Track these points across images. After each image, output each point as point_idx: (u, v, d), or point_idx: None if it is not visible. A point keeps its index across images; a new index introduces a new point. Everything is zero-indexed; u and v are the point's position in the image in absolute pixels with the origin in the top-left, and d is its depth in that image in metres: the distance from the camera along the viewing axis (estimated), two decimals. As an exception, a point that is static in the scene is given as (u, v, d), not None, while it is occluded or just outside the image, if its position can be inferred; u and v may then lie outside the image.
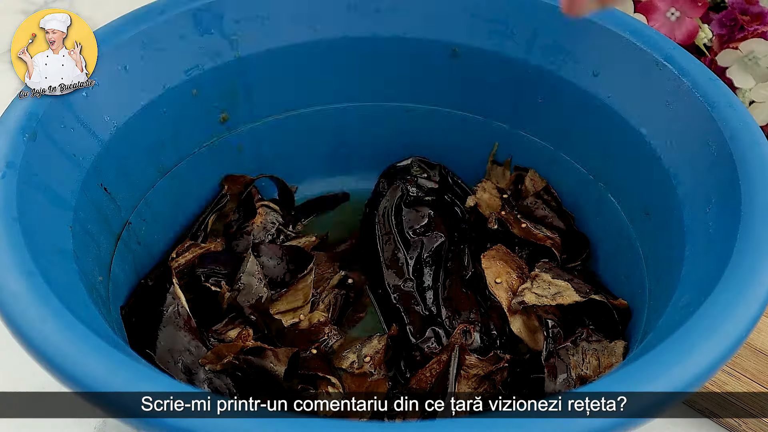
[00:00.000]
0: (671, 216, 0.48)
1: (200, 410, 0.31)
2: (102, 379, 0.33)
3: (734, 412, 0.50)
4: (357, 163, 0.65)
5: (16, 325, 0.35)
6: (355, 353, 0.52)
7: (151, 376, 0.33)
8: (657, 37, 0.52)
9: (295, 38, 0.58)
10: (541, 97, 0.57)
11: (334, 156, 0.64)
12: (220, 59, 0.56)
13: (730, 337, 0.35)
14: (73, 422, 0.53)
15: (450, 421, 0.32)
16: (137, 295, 0.52)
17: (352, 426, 0.34)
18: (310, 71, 0.60)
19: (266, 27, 0.57)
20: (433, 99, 0.62)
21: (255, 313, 0.52)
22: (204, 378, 0.48)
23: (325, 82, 0.61)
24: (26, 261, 0.38)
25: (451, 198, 0.63)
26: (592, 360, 0.50)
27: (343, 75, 0.60)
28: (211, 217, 0.59)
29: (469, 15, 0.58)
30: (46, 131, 0.45)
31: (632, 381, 0.33)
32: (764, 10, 0.61)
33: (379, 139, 0.64)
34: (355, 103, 0.62)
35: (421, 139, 0.63)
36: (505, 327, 0.53)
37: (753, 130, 0.45)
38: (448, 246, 0.59)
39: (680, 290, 0.42)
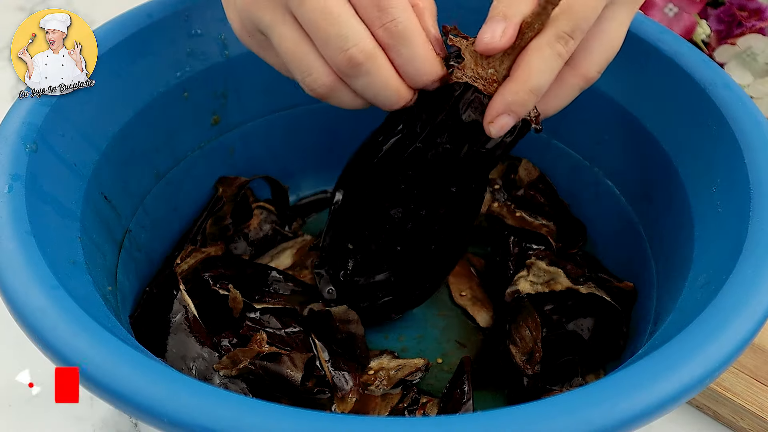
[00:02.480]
0: (675, 197, 0.49)
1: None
2: (147, 392, 0.32)
3: (733, 408, 0.51)
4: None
5: (46, 341, 0.34)
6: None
7: (193, 385, 0.33)
8: (648, 23, 0.53)
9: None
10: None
11: (326, 154, 0.63)
12: (210, 60, 0.56)
13: (758, 313, 0.36)
14: (71, 421, 0.52)
15: (465, 417, 0.32)
16: (144, 304, 0.51)
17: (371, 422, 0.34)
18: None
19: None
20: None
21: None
22: (219, 383, 0.47)
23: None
24: (47, 275, 0.37)
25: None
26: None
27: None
28: (209, 221, 0.58)
29: (455, 5, 0.58)
30: (46, 141, 0.44)
31: (680, 353, 0.34)
32: (762, 6, 0.62)
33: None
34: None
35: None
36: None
37: (751, 109, 0.46)
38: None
39: (695, 270, 0.43)
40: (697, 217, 0.46)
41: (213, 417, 0.31)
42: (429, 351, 0.55)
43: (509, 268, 0.57)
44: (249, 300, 0.51)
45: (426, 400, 0.50)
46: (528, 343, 0.52)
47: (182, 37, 0.54)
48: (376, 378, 0.51)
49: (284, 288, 0.55)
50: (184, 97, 0.55)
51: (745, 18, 0.62)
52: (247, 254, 0.59)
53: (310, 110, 0.61)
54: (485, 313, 0.57)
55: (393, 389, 0.51)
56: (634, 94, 0.53)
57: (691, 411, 0.53)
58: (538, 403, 0.31)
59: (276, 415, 0.31)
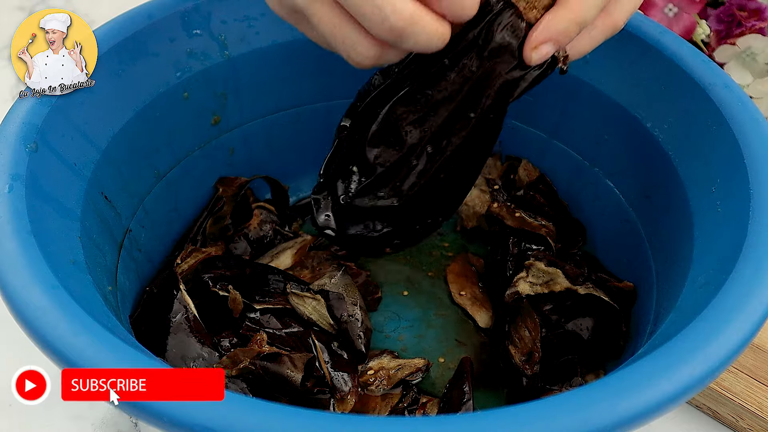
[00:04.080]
0: (674, 197, 0.49)
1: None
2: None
3: (732, 408, 0.51)
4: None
5: (47, 341, 0.34)
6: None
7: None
8: (648, 23, 0.53)
9: (282, 37, 0.58)
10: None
11: (326, 154, 0.63)
12: (210, 61, 0.56)
13: (757, 313, 0.36)
14: (70, 420, 0.52)
15: (465, 417, 0.32)
16: (144, 304, 0.51)
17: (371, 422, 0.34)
18: (299, 70, 0.59)
19: (253, 27, 0.57)
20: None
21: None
22: (219, 383, 0.47)
23: (313, 81, 0.60)
24: (48, 275, 0.37)
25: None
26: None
27: (331, 72, 0.60)
28: (209, 221, 0.58)
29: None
30: (46, 141, 0.44)
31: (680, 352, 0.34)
32: (762, 6, 0.62)
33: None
34: (344, 100, 0.61)
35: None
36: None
37: (751, 109, 0.46)
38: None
39: (695, 270, 0.43)
40: (696, 217, 0.46)
41: (213, 416, 0.31)
42: (429, 351, 0.55)
43: (508, 269, 0.57)
44: (249, 300, 0.51)
45: (426, 400, 0.50)
46: (527, 344, 0.52)
47: (182, 37, 0.54)
48: (376, 378, 0.51)
49: (284, 288, 0.55)
50: (184, 97, 0.55)
51: (745, 18, 0.62)
52: (247, 254, 0.59)
53: (310, 110, 0.61)
54: (484, 314, 0.57)
55: (393, 389, 0.51)
56: (634, 94, 0.53)
57: (690, 411, 0.53)
58: (537, 402, 0.31)
59: (276, 415, 0.31)
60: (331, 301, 0.53)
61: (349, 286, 0.55)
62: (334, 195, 0.47)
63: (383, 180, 0.45)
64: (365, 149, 0.45)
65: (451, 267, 0.61)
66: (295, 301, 0.53)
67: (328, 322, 0.52)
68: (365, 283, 0.58)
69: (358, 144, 0.46)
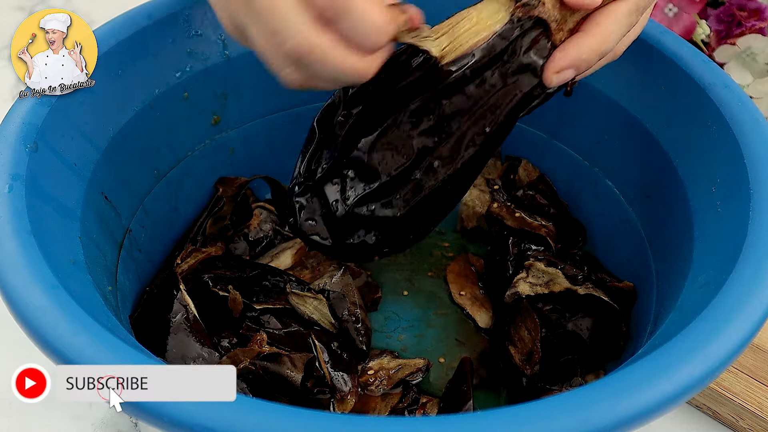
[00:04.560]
0: (674, 197, 0.49)
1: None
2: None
3: (732, 408, 0.51)
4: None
5: (47, 341, 0.34)
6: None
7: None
8: (648, 23, 0.52)
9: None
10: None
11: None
12: (210, 61, 0.56)
13: (757, 313, 0.36)
14: (70, 420, 0.52)
15: (465, 417, 0.32)
16: (144, 304, 0.51)
17: (371, 422, 0.34)
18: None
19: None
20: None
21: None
22: (219, 383, 0.47)
23: (314, 80, 0.60)
24: (48, 275, 0.37)
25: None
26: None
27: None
28: (209, 221, 0.58)
29: (453, 6, 0.58)
30: (46, 141, 0.44)
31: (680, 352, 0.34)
32: (762, 6, 0.62)
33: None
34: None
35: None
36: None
37: (751, 109, 0.46)
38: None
39: (695, 270, 0.43)
40: (696, 217, 0.46)
41: (213, 416, 0.31)
42: (429, 351, 0.55)
43: (508, 269, 0.57)
44: (249, 300, 0.51)
45: (426, 400, 0.50)
46: (527, 344, 0.52)
47: (182, 37, 0.54)
48: (376, 378, 0.51)
49: (284, 288, 0.55)
50: (184, 97, 0.55)
51: (745, 18, 0.62)
52: (247, 254, 0.59)
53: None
54: (484, 314, 0.57)
55: (393, 389, 0.51)
56: (634, 94, 0.53)
57: (690, 411, 0.53)
58: (537, 402, 0.31)
59: (276, 415, 0.31)
60: (331, 300, 0.53)
61: (350, 286, 0.55)
62: (323, 199, 0.45)
63: (387, 189, 0.44)
64: (366, 154, 0.43)
65: (451, 267, 0.61)
66: (296, 301, 0.52)
67: (330, 321, 0.52)
68: (365, 283, 0.58)
69: (354, 147, 0.43)
